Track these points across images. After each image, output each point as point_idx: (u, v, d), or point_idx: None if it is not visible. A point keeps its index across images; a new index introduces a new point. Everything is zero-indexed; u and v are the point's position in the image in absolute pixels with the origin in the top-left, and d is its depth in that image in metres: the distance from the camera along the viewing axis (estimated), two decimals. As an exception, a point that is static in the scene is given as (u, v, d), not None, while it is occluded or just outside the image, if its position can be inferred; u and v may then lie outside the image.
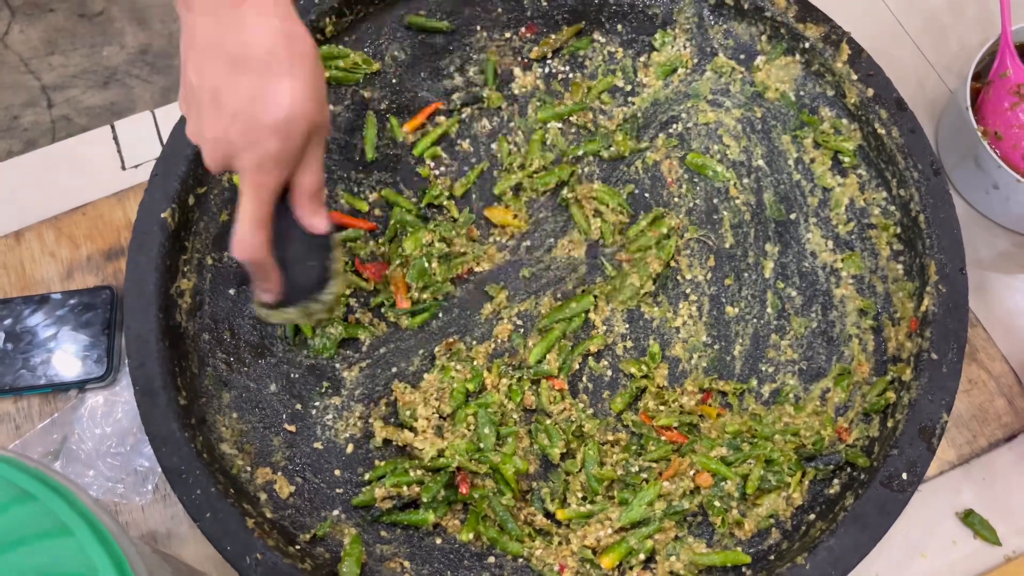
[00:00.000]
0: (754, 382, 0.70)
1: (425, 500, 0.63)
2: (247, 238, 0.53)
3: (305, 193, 0.53)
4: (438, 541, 0.64)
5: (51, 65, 1.94)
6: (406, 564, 0.62)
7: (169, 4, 1.98)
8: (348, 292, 0.71)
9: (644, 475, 0.65)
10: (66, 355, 0.72)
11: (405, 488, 0.63)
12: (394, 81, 0.78)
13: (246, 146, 0.49)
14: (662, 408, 0.68)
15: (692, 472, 0.65)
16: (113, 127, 0.83)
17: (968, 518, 0.70)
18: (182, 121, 0.70)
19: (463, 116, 0.78)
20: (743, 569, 0.62)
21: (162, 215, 0.67)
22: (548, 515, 0.64)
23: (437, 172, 0.76)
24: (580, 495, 0.65)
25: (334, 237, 0.57)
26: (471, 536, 0.62)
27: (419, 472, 0.63)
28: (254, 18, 0.48)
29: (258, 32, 0.48)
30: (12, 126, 1.91)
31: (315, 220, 0.55)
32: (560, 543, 0.63)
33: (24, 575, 0.44)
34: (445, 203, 0.74)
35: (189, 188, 0.69)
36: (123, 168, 0.81)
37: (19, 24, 1.98)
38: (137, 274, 0.65)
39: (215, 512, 0.58)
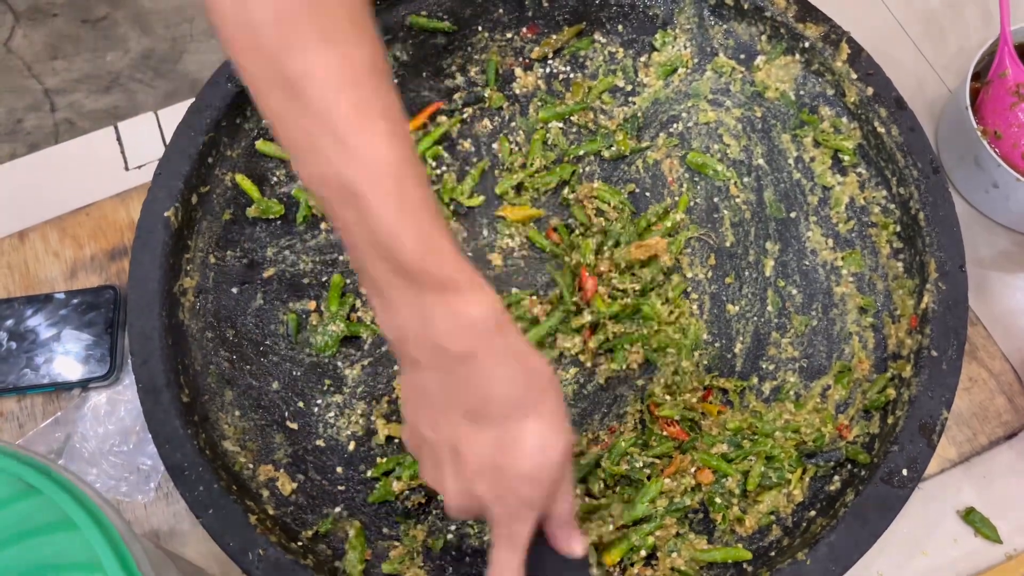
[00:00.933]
0: (755, 379, 0.70)
1: None
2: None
3: (560, 522, 0.49)
4: (441, 539, 0.64)
5: (54, 70, 1.95)
6: (408, 560, 0.62)
7: (171, 10, 1.99)
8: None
9: (647, 471, 0.65)
10: (69, 354, 0.72)
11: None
12: (396, 81, 0.78)
13: (495, 500, 0.45)
14: (668, 398, 0.68)
15: (693, 469, 0.65)
16: (116, 128, 0.83)
17: (969, 516, 0.70)
18: (185, 120, 0.71)
19: (464, 116, 0.78)
20: (744, 565, 0.62)
21: (165, 214, 0.67)
22: None
23: (439, 171, 0.76)
24: (583, 491, 0.65)
25: (590, 554, 0.54)
26: None
27: None
28: (492, 369, 0.43)
29: (497, 382, 0.43)
30: (15, 130, 1.92)
31: (573, 546, 0.50)
32: None
33: (29, 568, 0.44)
34: (464, 200, 0.74)
35: (192, 187, 0.69)
36: (126, 169, 0.81)
37: (23, 29, 1.99)
38: (141, 272, 0.65)
39: (217, 508, 0.59)
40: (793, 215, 0.75)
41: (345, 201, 0.41)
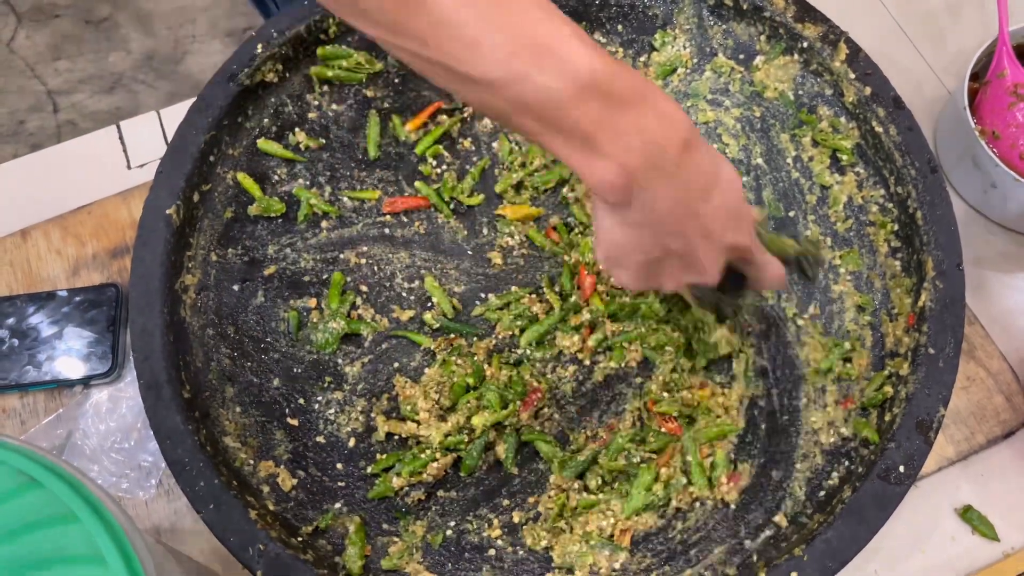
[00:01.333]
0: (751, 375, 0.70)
1: (464, 473, 0.66)
2: (779, 267, 0.58)
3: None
4: (440, 535, 0.64)
5: (57, 70, 1.96)
6: (407, 555, 0.63)
7: (174, 11, 2.00)
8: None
9: (644, 465, 0.65)
10: (71, 352, 0.72)
11: (424, 474, 0.64)
12: (396, 81, 0.79)
13: (737, 227, 0.53)
14: (666, 395, 0.68)
15: (687, 457, 0.66)
16: (119, 127, 0.84)
17: (966, 514, 0.71)
18: (187, 119, 0.71)
19: (465, 115, 0.78)
20: (741, 560, 0.62)
21: (167, 212, 0.67)
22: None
23: (439, 170, 0.77)
24: (580, 486, 0.66)
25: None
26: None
27: (429, 452, 0.64)
28: (705, 151, 0.50)
29: (709, 158, 0.50)
30: (18, 131, 1.93)
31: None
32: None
33: (32, 561, 0.44)
34: (464, 199, 0.75)
35: (194, 185, 0.70)
36: (128, 167, 0.82)
37: (25, 30, 2.00)
38: (142, 269, 0.66)
39: (218, 504, 0.59)
40: (792, 214, 0.75)
41: (541, 56, 0.44)
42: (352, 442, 0.67)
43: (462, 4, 0.43)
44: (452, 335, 0.71)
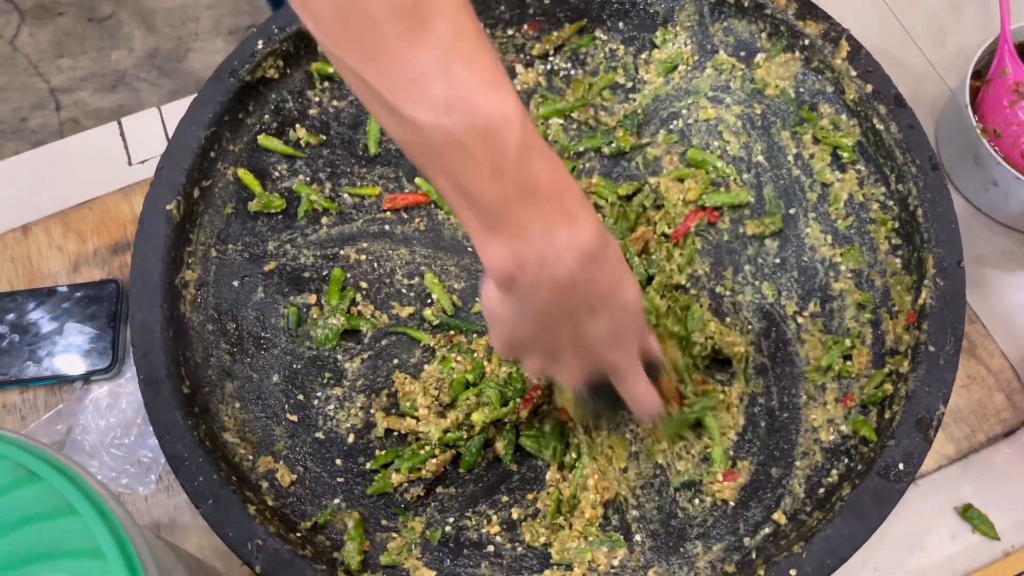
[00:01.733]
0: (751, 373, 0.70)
1: (462, 469, 0.66)
2: (653, 399, 0.58)
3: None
4: (439, 531, 0.64)
5: (59, 68, 1.96)
6: (406, 551, 0.63)
7: (177, 9, 2.00)
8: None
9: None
10: (71, 347, 0.72)
11: (423, 470, 0.64)
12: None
13: (617, 346, 0.53)
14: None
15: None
16: (120, 123, 0.84)
17: (966, 513, 0.70)
18: (187, 115, 0.71)
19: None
20: (740, 557, 0.62)
21: (167, 207, 0.67)
22: None
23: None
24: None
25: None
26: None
27: (428, 449, 0.64)
28: (602, 272, 0.49)
29: (607, 280, 0.50)
30: (20, 128, 1.93)
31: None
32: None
33: (30, 555, 0.44)
34: None
35: (194, 181, 0.70)
36: (130, 164, 0.82)
37: (28, 27, 2.00)
38: (143, 265, 0.66)
39: (217, 499, 0.59)
40: (792, 211, 0.75)
41: (479, 136, 0.42)
42: (351, 438, 0.67)
43: (409, 33, 0.41)
44: (452, 332, 0.71)
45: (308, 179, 0.75)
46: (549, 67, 0.81)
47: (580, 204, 0.46)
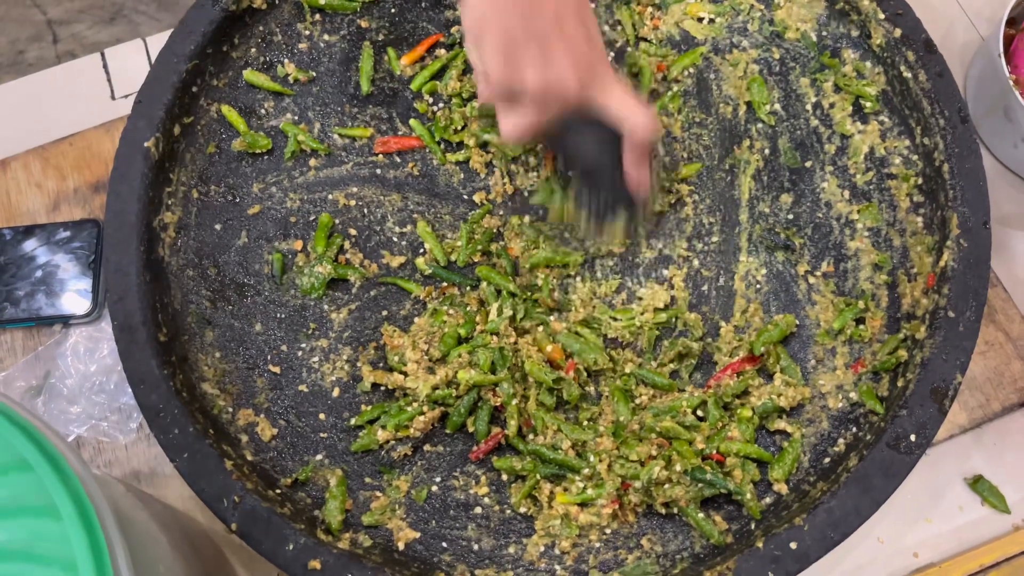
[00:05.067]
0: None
1: (449, 430, 0.63)
2: (649, 115, 0.58)
3: (634, 148, 0.60)
4: (424, 490, 0.62)
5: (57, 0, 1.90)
6: (389, 511, 0.60)
7: (177, -62, 1.93)
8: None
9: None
10: (50, 289, 0.70)
11: (411, 428, 0.62)
12: (393, 11, 0.74)
13: (590, 46, 0.56)
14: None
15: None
16: (103, 55, 0.80)
17: (977, 484, 0.68)
18: (167, 46, 0.67)
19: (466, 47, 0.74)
20: (739, 527, 0.59)
21: (145, 144, 0.64)
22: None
23: (436, 108, 0.73)
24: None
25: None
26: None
27: (416, 406, 0.61)
28: None
29: None
30: (17, 60, 1.88)
31: (641, 181, 0.62)
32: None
33: (-16, 510, 0.42)
34: (460, 138, 0.71)
35: (175, 117, 0.66)
36: (113, 98, 0.78)
37: (25, -44, 1.94)
38: (118, 205, 0.63)
39: (192, 452, 0.57)
40: (808, 164, 0.71)
41: None
42: (336, 392, 0.64)
43: None
44: (444, 284, 0.68)
45: (296, 118, 0.71)
46: None
47: None
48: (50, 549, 0.41)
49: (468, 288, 0.67)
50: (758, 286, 0.68)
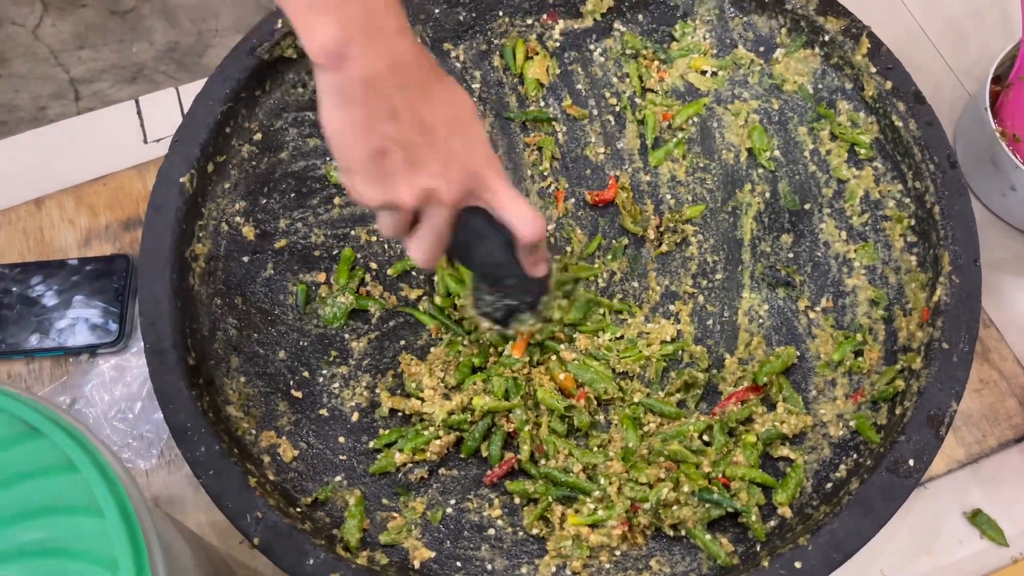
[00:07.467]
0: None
1: (464, 454, 0.65)
2: (534, 214, 0.56)
3: (525, 246, 0.58)
4: (440, 512, 0.64)
5: (80, 59, 1.97)
6: (405, 531, 0.62)
7: (198, 5, 2.01)
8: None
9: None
10: (79, 320, 0.72)
11: (427, 452, 0.64)
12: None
13: (467, 138, 0.53)
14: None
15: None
16: (137, 101, 0.84)
17: (975, 518, 0.69)
18: (205, 90, 0.71)
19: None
20: (745, 548, 0.61)
21: (180, 180, 0.67)
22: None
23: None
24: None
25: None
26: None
27: (432, 430, 0.64)
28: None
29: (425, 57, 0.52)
30: (39, 117, 1.94)
31: (537, 269, 0.60)
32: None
33: (29, 509, 0.44)
34: None
35: (209, 156, 0.70)
36: (145, 142, 0.82)
37: (51, 18, 2.02)
38: (153, 235, 0.66)
39: (218, 470, 0.59)
40: (807, 207, 0.75)
41: None
42: (355, 416, 0.67)
43: None
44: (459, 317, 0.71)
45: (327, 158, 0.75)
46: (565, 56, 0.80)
47: None
48: (91, 545, 0.43)
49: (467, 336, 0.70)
50: (760, 320, 0.71)
